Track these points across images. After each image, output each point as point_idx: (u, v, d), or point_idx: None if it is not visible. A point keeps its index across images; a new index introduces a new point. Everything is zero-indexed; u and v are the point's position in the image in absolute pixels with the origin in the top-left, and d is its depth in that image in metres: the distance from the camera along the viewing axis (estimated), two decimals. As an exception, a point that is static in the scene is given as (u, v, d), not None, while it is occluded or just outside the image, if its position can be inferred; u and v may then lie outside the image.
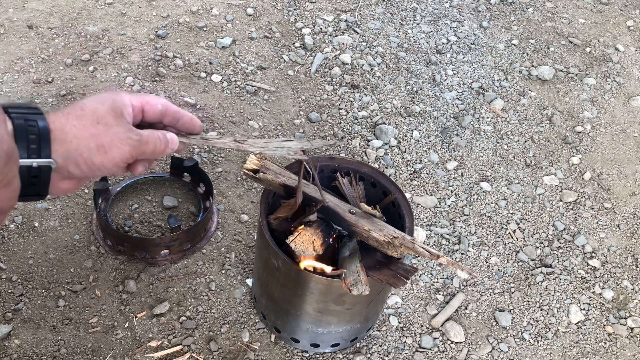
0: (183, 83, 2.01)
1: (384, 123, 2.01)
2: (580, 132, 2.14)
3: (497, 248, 1.74)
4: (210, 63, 2.09)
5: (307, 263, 1.19)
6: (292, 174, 1.22)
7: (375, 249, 1.21)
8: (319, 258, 1.21)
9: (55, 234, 1.55)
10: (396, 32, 2.39)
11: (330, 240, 1.20)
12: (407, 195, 1.81)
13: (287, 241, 1.17)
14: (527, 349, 1.54)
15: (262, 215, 1.22)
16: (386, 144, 1.95)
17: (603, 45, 2.51)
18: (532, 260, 1.73)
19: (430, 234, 1.73)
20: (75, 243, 1.54)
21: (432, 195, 1.84)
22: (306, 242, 1.16)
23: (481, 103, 2.17)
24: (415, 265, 1.62)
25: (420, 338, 1.51)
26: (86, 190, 1.65)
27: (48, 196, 0.66)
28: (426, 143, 1.99)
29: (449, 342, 1.52)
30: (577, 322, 1.62)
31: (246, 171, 1.20)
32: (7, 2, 2.16)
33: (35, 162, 0.60)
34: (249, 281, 1.54)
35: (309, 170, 1.32)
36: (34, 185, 0.61)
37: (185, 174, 1.69)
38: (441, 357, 1.49)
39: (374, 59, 2.24)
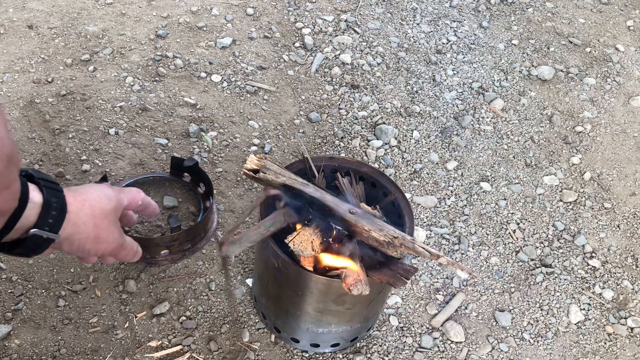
0: (183, 83, 2.01)
1: (384, 123, 2.01)
2: (580, 132, 2.14)
3: (497, 248, 1.74)
4: (210, 63, 2.09)
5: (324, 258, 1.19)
6: (292, 174, 1.22)
7: (375, 249, 1.21)
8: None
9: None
10: (396, 32, 2.39)
11: (330, 240, 1.20)
12: (407, 195, 1.81)
13: (286, 241, 1.17)
14: (527, 349, 1.54)
15: (262, 215, 1.22)
16: (386, 144, 1.95)
17: (603, 45, 2.51)
18: (532, 260, 1.73)
19: (430, 234, 1.73)
20: (75, 243, 1.54)
21: (432, 195, 1.84)
22: (305, 242, 1.16)
23: (481, 103, 2.17)
24: (415, 265, 1.62)
25: (420, 338, 1.51)
26: (86, 190, 1.65)
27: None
28: (426, 143, 1.99)
29: (449, 342, 1.52)
30: (577, 322, 1.62)
31: (246, 171, 1.20)
32: (7, 2, 2.17)
33: (45, 234, 0.70)
34: (249, 281, 1.54)
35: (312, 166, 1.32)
36: (32, 249, 0.71)
37: (185, 174, 1.69)
38: (441, 357, 1.49)
39: (374, 59, 2.24)
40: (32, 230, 0.68)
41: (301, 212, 1.18)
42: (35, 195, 0.68)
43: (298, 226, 1.19)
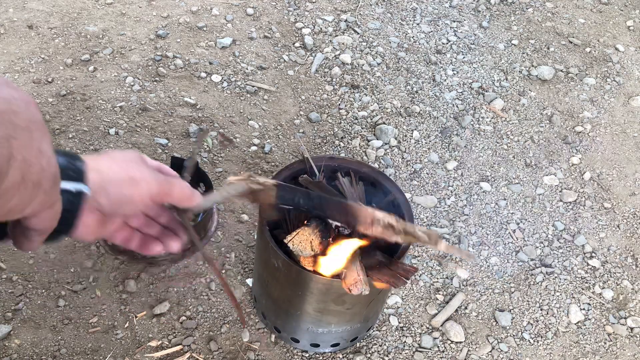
0: (183, 83, 2.01)
1: (384, 123, 2.01)
2: (580, 132, 2.14)
3: (497, 248, 1.74)
4: (210, 63, 2.09)
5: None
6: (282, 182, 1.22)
7: (376, 248, 1.21)
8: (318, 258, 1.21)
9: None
10: (396, 32, 2.39)
11: (329, 240, 1.20)
12: (407, 195, 1.81)
13: (285, 241, 1.17)
14: (527, 348, 1.54)
15: (262, 215, 1.22)
16: (386, 144, 1.95)
17: (603, 45, 2.51)
18: (532, 260, 1.73)
19: (430, 234, 1.73)
20: (75, 243, 1.54)
21: (432, 195, 1.84)
22: (304, 242, 1.16)
23: (481, 103, 2.17)
24: (415, 265, 1.62)
25: (420, 338, 1.51)
26: (86, 190, 1.65)
27: (67, 237, 0.66)
28: (426, 143, 1.99)
29: (449, 342, 1.52)
30: (577, 322, 1.62)
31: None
32: (7, 2, 2.17)
33: (73, 185, 0.61)
34: (249, 281, 1.54)
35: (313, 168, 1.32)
36: (64, 217, 0.62)
37: (185, 174, 1.69)
38: (441, 357, 1.49)
39: (374, 59, 2.24)
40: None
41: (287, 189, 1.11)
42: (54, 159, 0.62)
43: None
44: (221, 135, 1.06)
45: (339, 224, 1.20)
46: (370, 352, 1.46)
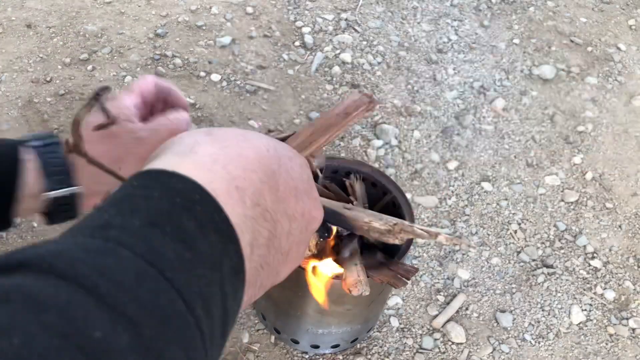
0: (182, 82, 2.00)
1: (385, 122, 2.00)
2: (581, 131, 2.13)
3: (499, 248, 1.73)
4: (210, 62, 2.08)
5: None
6: None
7: (375, 247, 1.20)
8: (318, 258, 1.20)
9: (55, 234, 1.54)
10: (397, 31, 2.38)
11: (328, 240, 1.19)
12: (408, 195, 1.80)
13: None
14: (528, 349, 1.53)
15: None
16: (387, 143, 1.94)
17: (605, 45, 2.50)
18: (534, 260, 1.72)
19: (430, 234, 1.73)
20: (73, 243, 1.53)
21: (433, 195, 1.83)
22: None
23: (482, 102, 2.16)
24: (415, 266, 1.61)
25: (421, 339, 1.50)
26: (85, 190, 1.64)
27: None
28: (427, 143, 1.98)
29: (450, 343, 1.51)
30: (579, 323, 1.61)
31: None
32: (5, 1, 2.16)
33: (63, 191, 0.62)
34: (249, 282, 1.53)
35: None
36: (65, 211, 0.64)
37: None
38: (442, 358, 1.48)
39: (374, 58, 2.23)
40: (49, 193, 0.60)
41: None
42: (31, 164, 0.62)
43: None
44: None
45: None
46: (371, 353, 1.45)
